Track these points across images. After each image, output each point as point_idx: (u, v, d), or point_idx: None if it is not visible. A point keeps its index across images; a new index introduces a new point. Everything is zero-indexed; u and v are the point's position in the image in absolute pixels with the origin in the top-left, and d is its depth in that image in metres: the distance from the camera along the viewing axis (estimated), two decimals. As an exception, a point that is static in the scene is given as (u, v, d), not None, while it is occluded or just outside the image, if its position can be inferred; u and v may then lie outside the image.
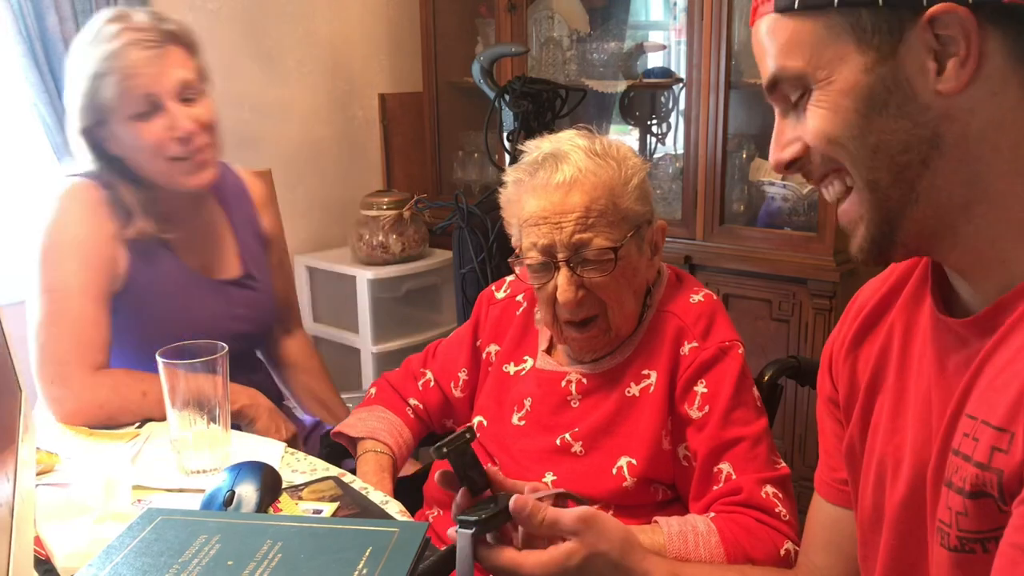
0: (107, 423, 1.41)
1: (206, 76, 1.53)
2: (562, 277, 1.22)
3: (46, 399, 1.42)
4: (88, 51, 1.44)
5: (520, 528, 0.90)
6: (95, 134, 1.48)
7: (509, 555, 0.86)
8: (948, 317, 0.76)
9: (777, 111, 0.77)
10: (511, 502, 0.86)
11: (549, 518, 0.86)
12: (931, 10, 0.66)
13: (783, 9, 0.72)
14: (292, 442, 1.52)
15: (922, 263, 0.81)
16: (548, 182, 1.22)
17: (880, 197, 0.72)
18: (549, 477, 1.26)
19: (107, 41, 1.43)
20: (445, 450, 0.89)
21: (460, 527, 0.87)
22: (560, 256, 1.22)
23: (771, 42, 0.73)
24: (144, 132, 1.45)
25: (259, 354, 1.83)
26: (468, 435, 0.91)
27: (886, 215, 0.72)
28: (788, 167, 0.76)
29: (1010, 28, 0.67)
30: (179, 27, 1.51)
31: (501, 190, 1.32)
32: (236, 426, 1.46)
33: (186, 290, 1.56)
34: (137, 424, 1.42)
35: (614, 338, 1.28)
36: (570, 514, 0.87)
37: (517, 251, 1.28)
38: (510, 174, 1.29)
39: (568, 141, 1.27)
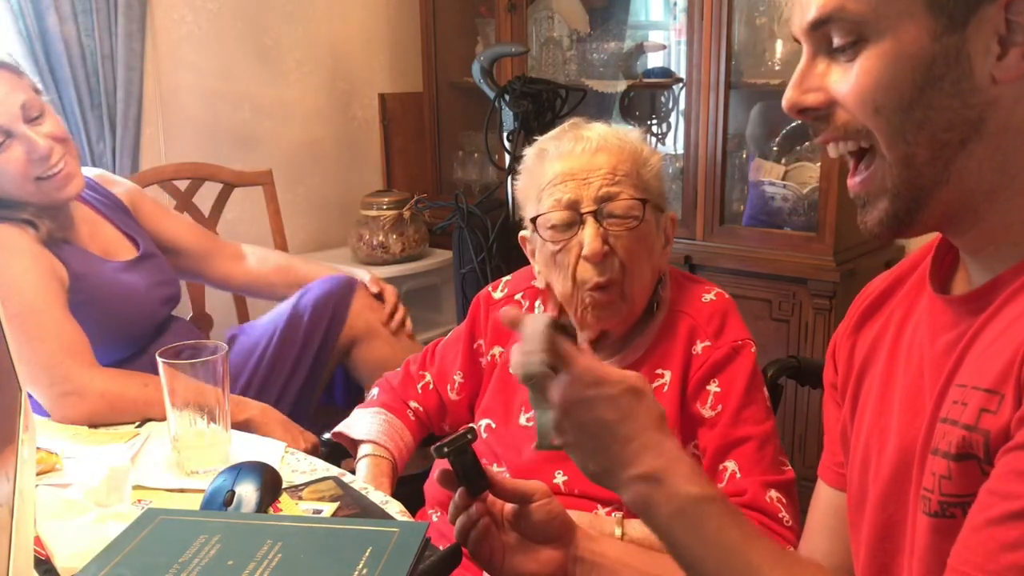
0: (110, 416, 1.41)
1: (40, 91, 1.56)
2: (589, 228, 1.21)
3: (50, 407, 1.42)
4: None
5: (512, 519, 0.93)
6: None
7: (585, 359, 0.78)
8: (943, 295, 0.76)
9: (807, 51, 0.73)
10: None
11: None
12: None
13: None
14: (313, 452, 1.51)
15: (930, 255, 0.81)
16: (573, 149, 1.23)
17: (913, 174, 0.70)
18: (560, 477, 1.25)
19: None
20: (446, 450, 0.89)
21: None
22: (585, 209, 1.21)
23: None
24: (5, 164, 1.47)
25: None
26: (469, 435, 0.91)
27: (915, 193, 0.70)
28: (801, 112, 0.74)
29: None
30: (3, 54, 1.54)
31: (519, 165, 1.32)
32: None
33: (111, 275, 1.62)
34: (137, 424, 1.42)
35: (627, 314, 1.26)
36: None
37: (533, 221, 1.26)
38: (530, 149, 1.30)
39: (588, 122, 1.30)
